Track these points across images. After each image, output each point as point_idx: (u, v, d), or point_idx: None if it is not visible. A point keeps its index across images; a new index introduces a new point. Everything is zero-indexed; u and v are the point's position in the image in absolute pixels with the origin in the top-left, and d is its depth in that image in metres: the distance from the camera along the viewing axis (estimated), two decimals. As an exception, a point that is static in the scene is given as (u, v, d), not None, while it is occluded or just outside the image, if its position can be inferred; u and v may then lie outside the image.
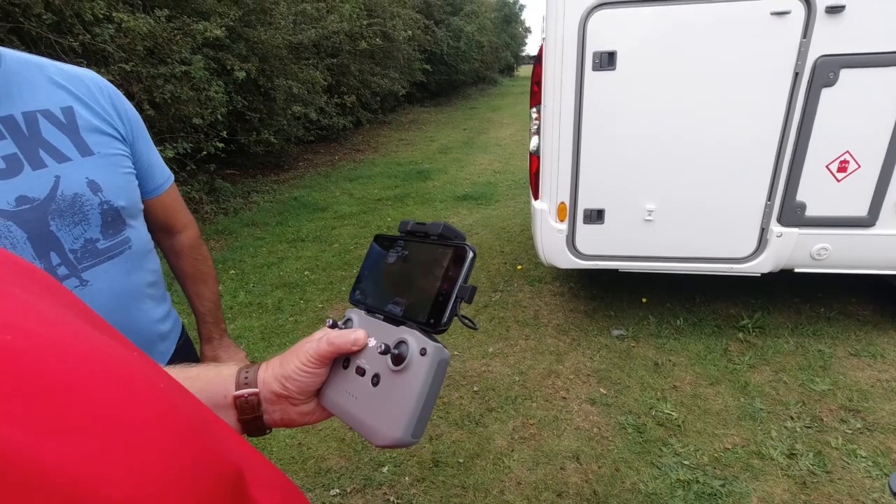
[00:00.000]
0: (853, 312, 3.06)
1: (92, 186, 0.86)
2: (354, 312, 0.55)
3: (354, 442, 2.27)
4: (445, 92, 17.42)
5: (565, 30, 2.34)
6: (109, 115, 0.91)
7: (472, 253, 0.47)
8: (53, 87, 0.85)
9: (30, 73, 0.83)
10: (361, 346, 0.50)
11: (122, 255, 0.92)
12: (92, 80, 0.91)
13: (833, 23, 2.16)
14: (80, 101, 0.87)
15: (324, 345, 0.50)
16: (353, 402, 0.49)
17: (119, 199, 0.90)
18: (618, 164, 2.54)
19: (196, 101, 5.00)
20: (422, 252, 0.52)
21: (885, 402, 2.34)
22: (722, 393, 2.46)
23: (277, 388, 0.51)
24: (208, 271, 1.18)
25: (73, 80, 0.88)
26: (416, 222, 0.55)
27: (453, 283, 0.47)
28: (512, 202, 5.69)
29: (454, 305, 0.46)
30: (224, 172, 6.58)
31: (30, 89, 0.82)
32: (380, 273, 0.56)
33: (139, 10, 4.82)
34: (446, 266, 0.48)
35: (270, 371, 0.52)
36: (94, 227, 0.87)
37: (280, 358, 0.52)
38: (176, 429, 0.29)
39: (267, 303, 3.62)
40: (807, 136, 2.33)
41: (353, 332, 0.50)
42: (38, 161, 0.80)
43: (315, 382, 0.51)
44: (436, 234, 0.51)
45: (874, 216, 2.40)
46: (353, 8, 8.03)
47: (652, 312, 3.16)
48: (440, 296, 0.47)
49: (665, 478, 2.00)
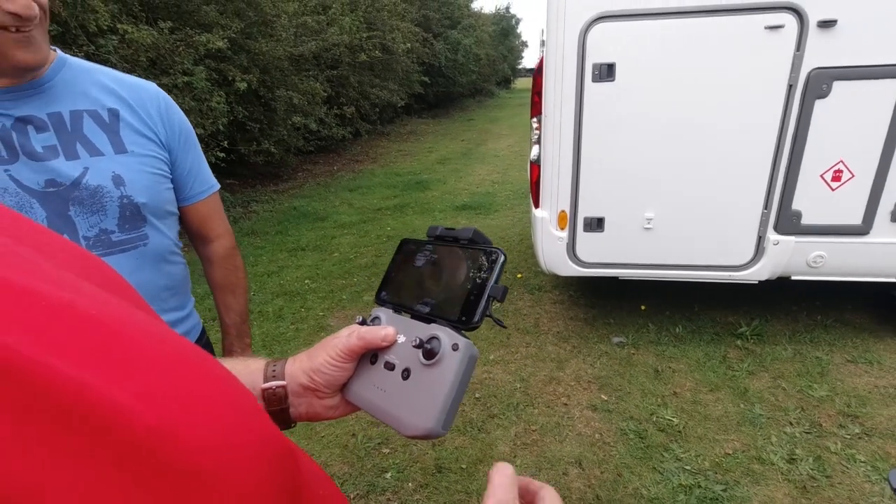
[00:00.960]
0: (850, 320, 3.09)
1: (115, 180, 0.90)
2: (382, 311, 0.57)
3: (357, 448, 2.27)
4: (443, 104, 17.58)
5: (565, 42, 2.40)
6: (152, 119, 0.96)
7: (503, 256, 0.49)
8: (106, 92, 0.92)
9: (88, 78, 0.91)
10: (391, 342, 0.51)
11: (136, 251, 0.95)
12: (145, 89, 0.98)
13: (825, 37, 2.22)
14: (126, 105, 0.93)
15: (354, 339, 0.51)
16: (382, 395, 0.50)
17: (140, 196, 0.93)
18: (617, 173, 2.58)
19: (198, 112, 5.05)
20: (452, 255, 0.54)
21: (883, 407, 2.36)
22: (722, 399, 2.48)
23: (305, 381, 0.52)
24: (238, 283, 1.19)
25: (127, 87, 0.95)
26: (446, 228, 0.56)
27: (485, 283, 0.49)
28: (510, 212, 5.74)
29: (486, 304, 0.48)
30: (224, 182, 6.58)
31: (83, 92, 0.89)
32: (408, 274, 0.58)
33: (143, 21, 4.89)
34: (478, 267, 0.50)
35: (298, 364, 0.53)
36: (111, 218, 0.90)
37: (308, 352, 0.54)
38: (240, 393, 0.31)
39: (268, 311, 3.63)
40: (801, 146, 2.38)
41: (382, 328, 0.52)
42: (73, 153, 0.87)
43: (343, 376, 0.52)
44: (466, 238, 0.53)
45: (868, 224, 2.45)
46: (353, 21, 8.14)
47: (651, 320, 3.19)
48: (472, 295, 0.49)
49: (667, 483, 2.01)
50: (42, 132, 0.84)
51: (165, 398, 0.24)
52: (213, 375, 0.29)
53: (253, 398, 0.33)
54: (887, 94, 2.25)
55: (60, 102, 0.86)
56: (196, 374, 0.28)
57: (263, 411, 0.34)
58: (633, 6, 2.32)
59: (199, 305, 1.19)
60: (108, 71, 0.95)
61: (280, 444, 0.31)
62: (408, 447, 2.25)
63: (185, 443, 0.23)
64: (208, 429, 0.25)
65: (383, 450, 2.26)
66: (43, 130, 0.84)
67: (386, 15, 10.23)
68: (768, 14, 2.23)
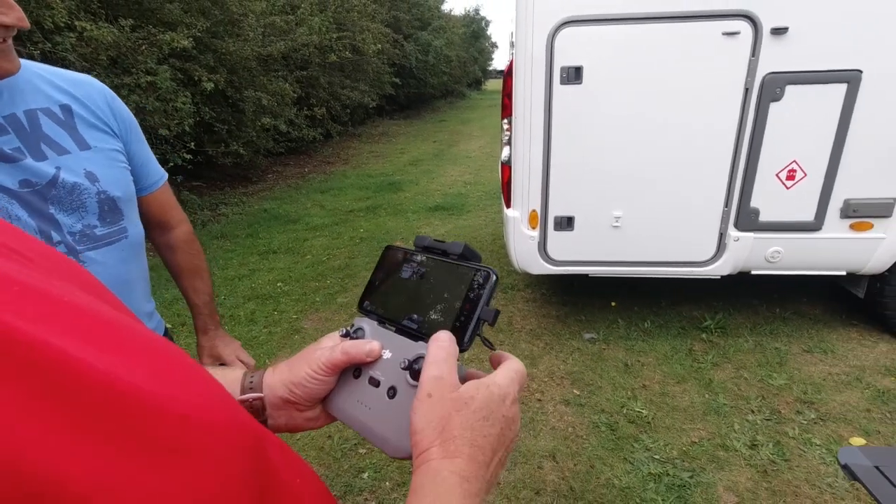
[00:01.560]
0: (806, 312, 3.26)
1: (90, 177, 0.90)
2: (365, 322, 0.55)
3: (334, 450, 2.26)
4: (415, 105, 17.59)
5: (534, 45, 2.45)
6: (104, 113, 0.96)
7: (495, 276, 0.48)
8: (53, 88, 0.91)
9: (32, 77, 0.89)
10: (375, 358, 0.50)
11: (119, 244, 0.96)
12: (91, 83, 0.97)
13: (778, 43, 2.34)
14: (77, 100, 0.93)
15: (338, 354, 0.49)
16: (367, 412, 0.48)
17: (115, 189, 0.94)
18: (586, 172, 2.65)
19: (162, 112, 4.91)
20: (441, 270, 0.52)
21: (836, 393, 2.50)
22: (688, 390, 2.58)
23: (285, 394, 0.50)
24: (202, 265, 1.22)
25: (71, 83, 0.94)
26: (435, 239, 0.55)
27: (475, 305, 0.47)
28: (483, 212, 5.79)
29: (476, 327, 0.47)
30: (191, 184, 6.46)
31: (31, 91, 0.87)
32: (394, 285, 0.55)
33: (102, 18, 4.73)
34: (468, 287, 0.48)
35: (278, 376, 0.51)
36: (92, 214, 0.91)
37: (288, 363, 0.52)
38: (208, 382, 0.32)
39: (239, 315, 3.56)
40: (758, 146, 2.50)
41: (367, 342, 0.50)
42: (40, 153, 0.86)
43: (324, 390, 0.51)
44: (456, 253, 0.52)
45: (820, 220, 2.59)
46: (322, 21, 8.06)
47: (621, 316, 3.28)
48: (461, 315, 0.48)
49: (637, 472, 2.08)
50: (2, 135, 0.83)
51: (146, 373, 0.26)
52: (183, 363, 0.31)
53: (221, 386, 0.34)
54: (836, 98, 2.38)
55: (13, 104, 0.85)
56: (167, 359, 0.30)
57: (232, 398, 0.34)
58: (598, 11, 2.39)
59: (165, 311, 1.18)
60: (46, 67, 0.93)
61: (249, 427, 0.33)
62: (384, 447, 2.25)
63: (167, 409, 0.25)
64: (184, 401, 0.27)
65: (359, 450, 2.26)
66: (3, 134, 0.83)
67: (356, 16, 10.17)
68: (725, 21, 2.33)
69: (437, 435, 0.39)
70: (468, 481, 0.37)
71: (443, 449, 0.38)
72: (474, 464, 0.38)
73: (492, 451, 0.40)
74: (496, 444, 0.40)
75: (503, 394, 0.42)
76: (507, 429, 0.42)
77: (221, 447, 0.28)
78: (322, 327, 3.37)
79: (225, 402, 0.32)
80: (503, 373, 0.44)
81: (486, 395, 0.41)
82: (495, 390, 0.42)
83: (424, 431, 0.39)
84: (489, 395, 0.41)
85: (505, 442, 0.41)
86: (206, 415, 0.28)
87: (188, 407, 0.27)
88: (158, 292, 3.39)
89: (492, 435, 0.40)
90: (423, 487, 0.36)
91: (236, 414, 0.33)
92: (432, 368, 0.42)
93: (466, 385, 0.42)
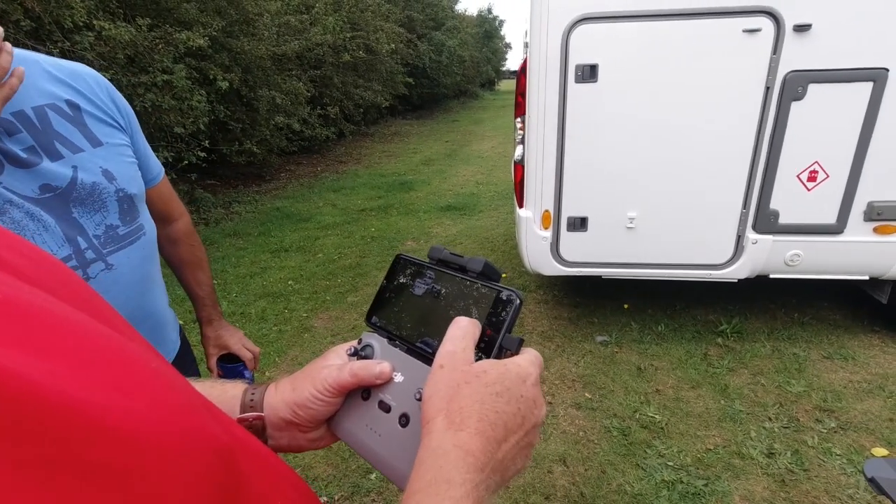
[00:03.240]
0: (826, 317, 3.17)
1: (106, 175, 0.88)
2: (375, 339, 0.51)
3: (342, 450, 2.25)
4: (428, 105, 17.59)
5: (549, 43, 2.41)
6: (109, 108, 0.94)
7: (519, 300, 0.44)
8: (54, 82, 0.87)
9: (30, 70, 0.84)
10: (385, 381, 0.47)
11: (140, 241, 0.95)
12: (90, 74, 0.94)
13: (801, 40, 2.27)
14: (81, 95, 0.90)
15: (346, 375, 0.46)
16: (376, 438, 0.45)
17: (131, 186, 0.93)
18: (600, 172, 2.61)
19: (177, 111, 4.96)
20: (459, 288, 0.48)
21: (858, 402, 2.42)
22: (703, 396, 2.52)
23: (287, 415, 0.47)
24: (203, 257, 1.22)
25: (71, 75, 0.90)
26: (451, 252, 0.50)
27: (497, 331, 0.43)
28: (495, 213, 5.76)
29: (498, 355, 0.43)
30: (205, 182, 6.51)
31: (33, 85, 0.83)
32: (405, 301, 0.51)
33: (120, 18, 4.79)
34: (489, 310, 0.44)
35: (280, 396, 0.48)
36: (113, 213, 0.90)
37: (291, 381, 0.49)
38: (170, 389, 0.29)
39: (250, 312, 3.58)
40: (778, 147, 2.44)
41: (377, 364, 0.47)
42: (55, 152, 0.83)
43: (329, 411, 0.48)
44: (476, 271, 0.47)
45: (843, 224, 2.51)
46: (336, 21, 8.09)
47: (634, 319, 3.23)
48: (482, 342, 0.44)
49: (650, 479, 2.04)
50: (14, 135, 0.80)
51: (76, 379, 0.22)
52: (142, 371, 0.28)
53: (198, 399, 0.31)
54: (860, 97, 2.31)
55: (18, 100, 0.81)
56: (126, 370, 0.26)
57: (200, 408, 0.31)
58: (614, 8, 2.34)
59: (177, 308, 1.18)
60: (44, 58, 0.89)
61: (212, 441, 0.29)
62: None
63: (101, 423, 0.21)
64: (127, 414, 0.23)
65: (368, 451, 2.24)
66: (14, 133, 0.80)
67: (370, 15, 10.19)
68: (746, 18, 2.28)
69: (444, 404, 0.37)
70: (472, 455, 0.35)
71: (447, 419, 0.36)
72: (481, 438, 0.36)
73: (504, 430, 0.37)
74: (511, 424, 0.38)
75: (523, 373, 0.40)
76: (526, 410, 0.39)
77: (171, 466, 0.24)
78: (332, 326, 3.37)
79: (184, 414, 0.28)
80: (524, 356, 0.42)
81: (501, 371, 0.39)
82: (513, 368, 0.40)
83: (431, 400, 0.38)
84: (505, 370, 0.39)
85: (525, 425, 0.39)
86: (156, 428, 0.25)
87: (130, 420, 0.23)
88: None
89: (506, 413, 0.37)
90: (424, 463, 0.35)
91: (197, 427, 0.29)
92: (447, 344, 0.41)
93: (481, 362, 0.40)
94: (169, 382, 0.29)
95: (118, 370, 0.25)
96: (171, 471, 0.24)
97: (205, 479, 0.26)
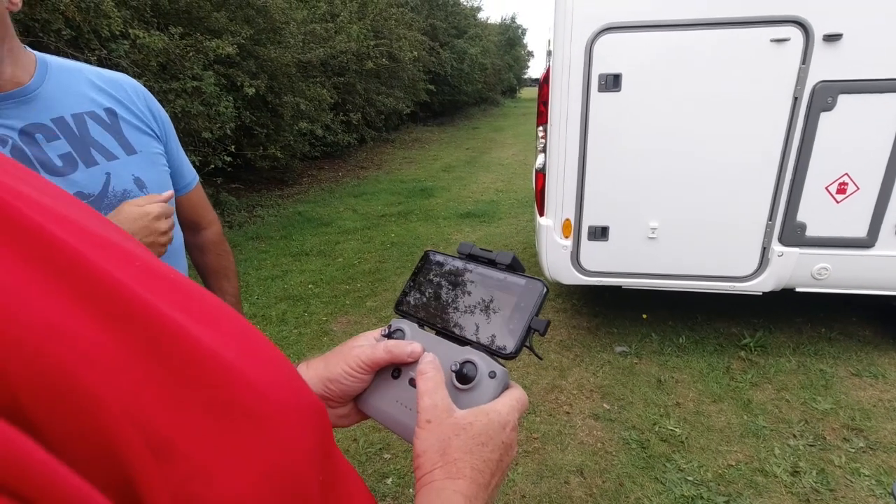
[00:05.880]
0: (854, 333, 3.08)
1: (138, 183, 0.91)
2: (405, 324, 0.54)
3: (359, 453, 2.27)
4: (449, 112, 17.67)
5: (572, 52, 2.42)
6: (145, 116, 0.97)
7: (545, 288, 0.49)
8: (95, 90, 0.90)
9: (73, 79, 0.89)
10: (416, 358, 0.50)
11: (167, 250, 0.96)
12: (128, 83, 0.97)
13: (831, 50, 2.24)
14: (119, 103, 0.93)
15: (380, 352, 0.49)
16: (409, 413, 0.48)
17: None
18: (622, 182, 2.59)
19: (206, 116, 5.09)
20: (487, 278, 0.52)
21: (887, 421, 2.35)
22: (725, 410, 2.47)
23: (319, 390, 0.50)
24: (231, 267, 1.23)
25: (111, 83, 0.94)
26: (481, 248, 0.55)
27: (525, 314, 0.48)
28: (514, 220, 5.75)
29: (527, 335, 0.48)
30: (229, 186, 6.65)
31: (75, 93, 0.87)
32: (436, 290, 0.55)
33: (154, 27, 4.95)
34: (518, 296, 0.49)
35: (312, 371, 0.51)
36: None
37: (324, 359, 0.52)
38: (279, 353, 0.35)
39: (271, 315, 3.64)
40: (806, 158, 2.39)
41: (409, 343, 0.50)
42: (91, 159, 0.86)
43: (359, 388, 0.51)
44: (505, 263, 0.52)
45: (873, 237, 2.45)
46: (360, 29, 8.21)
47: (654, 330, 3.19)
48: (511, 323, 0.48)
49: (669, 493, 2.00)
50: (53, 140, 0.81)
51: (237, 350, 0.30)
52: (264, 344, 0.34)
53: (294, 370, 0.37)
54: (892, 108, 2.26)
55: (59, 107, 0.83)
56: (252, 339, 0.33)
57: (304, 382, 0.37)
58: (639, 18, 2.34)
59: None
60: (87, 67, 0.92)
61: (316, 402, 0.36)
62: (409, 453, 2.24)
63: (248, 382, 0.29)
64: (265, 378, 0.30)
65: (384, 455, 2.26)
66: (53, 139, 0.81)
67: (393, 24, 10.32)
68: (774, 27, 2.25)
69: (439, 457, 0.41)
70: (471, 501, 0.39)
71: (445, 471, 0.40)
72: (475, 486, 0.40)
73: (490, 475, 0.42)
74: (494, 469, 0.43)
75: (503, 421, 0.44)
76: (505, 454, 0.44)
77: (293, 423, 0.31)
78: (350, 330, 3.40)
79: (298, 384, 0.35)
80: (505, 400, 0.46)
81: (485, 423, 0.43)
82: (495, 417, 0.44)
83: (427, 454, 0.41)
84: (488, 422, 0.43)
85: (502, 467, 0.44)
86: (282, 393, 0.31)
87: (267, 384, 0.30)
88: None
89: (491, 460, 0.42)
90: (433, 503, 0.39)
91: (309, 396, 0.35)
92: (425, 399, 0.44)
93: (464, 412, 0.44)
94: (282, 357, 0.35)
95: (256, 344, 0.33)
96: (297, 429, 0.31)
97: (317, 435, 0.33)
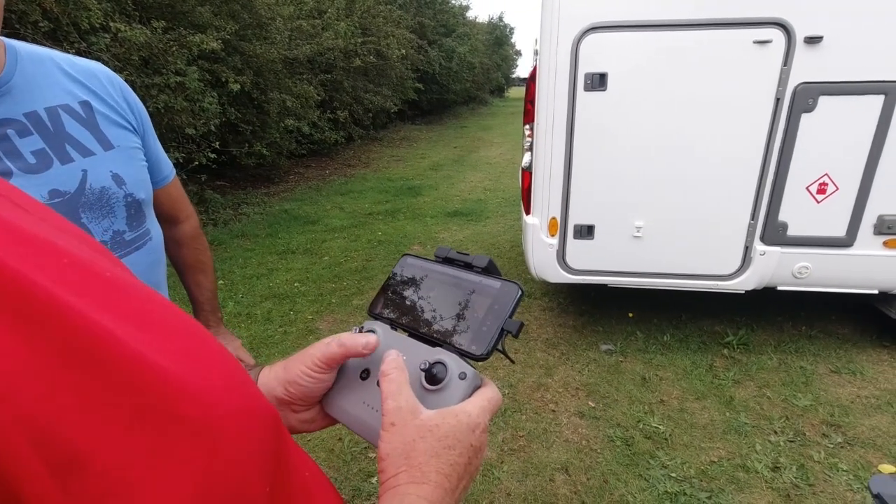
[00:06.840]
0: (834, 331, 3.14)
1: (116, 180, 0.88)
2: (377, 325, 0.53)
3: (343, 453, 2.25)
4: (437, 110, 17.65)
5: (558, 51, 2.42)
6: (122, 108, 0.93)
7: (521, 291, 0.48)
8: (69, 81, 0.86)
9: (46, 68, 0.83)
10: (371, 350, 0.48)
11: (146, 247, 0.94)
12: (103, 73, 0.93)
13: (812, 52, 2.27)
14: (95, 95, 0.89)
15: (333, 346, 0.47)
16: (374, 415, 0.46)
17: (140, 191, 0.92)
18: (608, 181, 2.61)
19: (189, 112, 5.01)
20: (465, 281, 0.52)
21: (865, 417, 2.39)
22: (708, 407, 2.50)
23: (280, 393, 0.48)
24: (207, 261, 1.20)
25: (85, 73, 0.89)
26: (457, 251, 0.54)
27: (499, 316, 0.47)
28: (502, 219, 5.76)
29: (499, 337, 0.47)
30: (214, 184, 6.56)
31: (48, 85, 0.82)
32: (411, 292, 0.55)
33: (136, 20, 4.86)
34: (492, 298, 0.48)
35: (273, 375, 0.49)
36: (121, 219, 0.89)
37: (284, 362, 0.50)
38: (231, 360, 0.33)
39: (256, 313, 3.59)
40: (788, 158, 2.43)
41: (364, 336, 0.49)
42: (66, 156, 0.82)
43: (320, 388, 0.49)
44: (480, 266, 0.52)
45: (852, 237, 2.49)
46: (348, 26, 8.16)
47: (639, 328, 3.21)
48: (484, 325, 0.47)
49: (653, 490, 2.02)
50: (25, 136, 0.77)
51: (175, 354, 0.28)
52: (210, 346, 0.32)
53: (243, 371, 0.35)
54: (871, 110, 2.30)
55: (32, 100, 0.78)
56: (197, 342, 0.31)
57: (254, 383, 0.35)
58: (625, 18, 2.35)
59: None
60: (58, 54, 0.87)
61: (265, 407, 0.34)
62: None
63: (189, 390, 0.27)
64: (209, 381, 0.29)
65: (369, 454, 2.24)
66: (26, 135, 0.78)
67: (381, 21, 10.27)
68: (757, 29, 2.28)
69: (403, 461, 0.39)
70: None
71: (410, 475, 0.38)
72: (440, 490, 0.38)
73: (457, 479, 0.40)
74: (462, 473, 0.41)
75: (473, 423, 0.42)
76: (474, 457, 0.42)
77: (237, 430, 0.29)
78: (337, 328, 3.38)
79: (247, 387, 0.33)
80: (475, 401, 0.44)
81: (452, 424, 0.41)
82: (464, 419, 0.42)
83: (391, 457, 0.39)
84: (457, 423, 0.41)
85: (471, 471, 0.42)
86: (225, 398, 0.29)
87: (207, 389, 0.28)
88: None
89: (459, 464, 0.40)
90: None
91: (258, 401, 0.34)
92: (389, 401, 0.42)
93: (431, 413, 0.42)
94: (229, 360, 0.33)
95: (193, 341, 0.31)
96: (245, 435, 0.29)
97: (266, 442, 0.31)
